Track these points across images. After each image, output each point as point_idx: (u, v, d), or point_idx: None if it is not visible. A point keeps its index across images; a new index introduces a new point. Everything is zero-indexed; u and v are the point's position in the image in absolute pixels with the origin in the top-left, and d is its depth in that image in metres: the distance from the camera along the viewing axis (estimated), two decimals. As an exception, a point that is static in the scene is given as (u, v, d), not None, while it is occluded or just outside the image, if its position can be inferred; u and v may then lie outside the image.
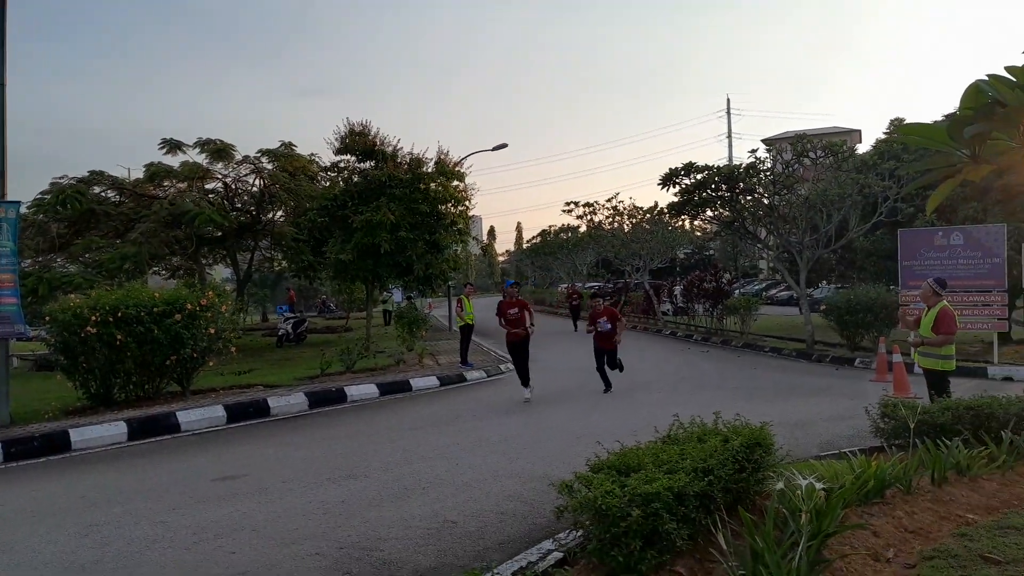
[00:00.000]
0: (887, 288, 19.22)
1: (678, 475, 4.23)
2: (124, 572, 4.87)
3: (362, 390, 13.01)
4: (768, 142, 38.77)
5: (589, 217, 36.52)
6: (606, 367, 13.08)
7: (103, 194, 21.92)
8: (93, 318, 10.67)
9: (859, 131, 59.71)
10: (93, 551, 5.34)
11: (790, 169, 19.90)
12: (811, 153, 19.84)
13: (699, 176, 20.53)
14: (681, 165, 20.92)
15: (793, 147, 19.86)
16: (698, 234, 45.57)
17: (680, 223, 32.49)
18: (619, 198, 36.55)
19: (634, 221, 34.40)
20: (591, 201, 36.69)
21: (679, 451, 4.71)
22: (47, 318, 11.51)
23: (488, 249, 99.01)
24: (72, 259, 19.75)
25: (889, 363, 13.50)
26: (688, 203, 21.00)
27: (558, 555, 4.43)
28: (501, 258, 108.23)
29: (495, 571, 4.29)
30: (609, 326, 12.95)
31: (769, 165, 20.36)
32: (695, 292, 25.64)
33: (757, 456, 5.06)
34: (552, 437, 8.90)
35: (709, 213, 22.02)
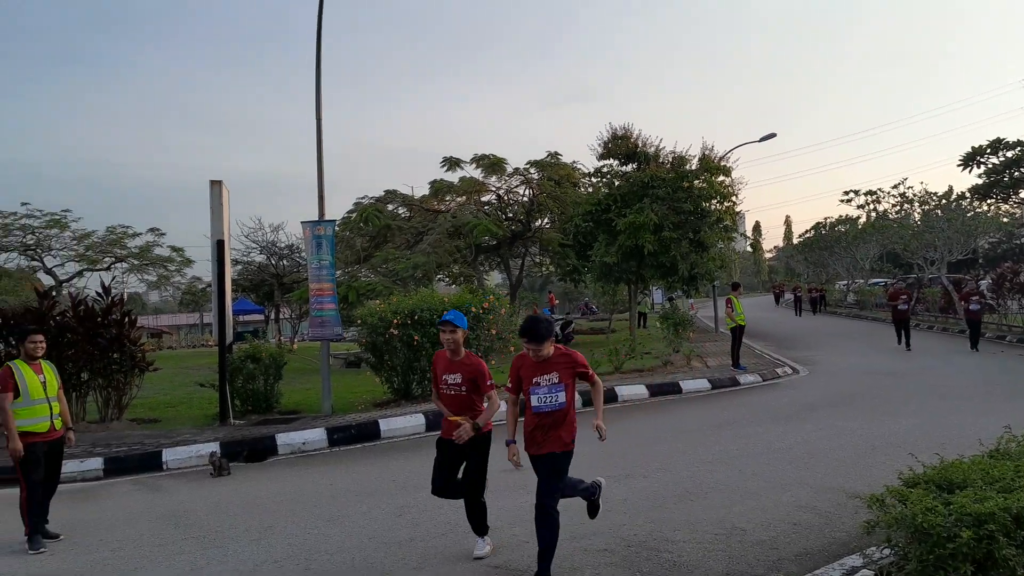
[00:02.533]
0: None
1: (1015, 495, 3.70)
2: (434, 552, 5.37)
3: (632, 390, 13.09)
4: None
5: (872, 206, 33.32)
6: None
7: (396, 210, 24.52)
8: (395, 321, 11.96)
9: None
10: (407, 530, 5.96)
11: None
12: None
13: (1010, 153, 17.83)
14: (987, 142, 18.37)
15: None
16: (1006, 220, 39.59)
17: (984, 208, 28.42)
18: (907, 183, 32.91)
19: (926, 208, 30.77)
20: (874, 189, 33.47)
21: (1014, 468, 4.12)
22: (359, 321, 13.11)
23: (755, 246, 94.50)
24: (372, 269, 22.33)
25: None
26: (996, 184, 18.36)
27: (868, 573, 4.09)
28: (768, 255, 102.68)
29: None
30: None
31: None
32: (1008, 286, 22.27)
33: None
34: (844, 446, 8.24)
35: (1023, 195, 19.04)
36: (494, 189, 24.99)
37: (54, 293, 14.51)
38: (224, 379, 11.48)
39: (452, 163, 24.48)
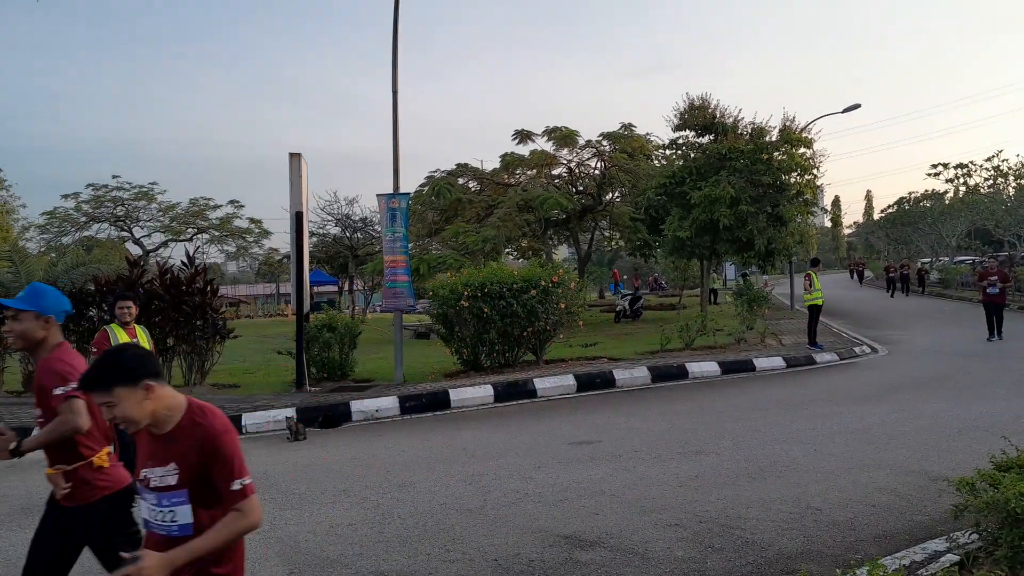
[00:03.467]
0: None
1: (1118, 482, 3.49)
2: (504, 520, 5.43)
3: (703, 367, 12.90)
4: None
5: (962, 180, 31.67)
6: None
7: (466, 184, 24.66)
8: (466, 293, 12.08)
9: None
10: (477, 498, 6.05)
11: None
12: None
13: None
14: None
15: None
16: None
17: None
18: (1002, 156, 31.10)
19: (1022, 182, 29.09)
20: (965, 162, 31.76)
21: (1117, 455, 3.89)
22: (430, 293, 13.30)
23: (836, 221, 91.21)
24: (443, 242, 22.58)
25: None
26: (1104, 156, 17.12)
27: (952, 558, 3.94)
28: (847, 230, 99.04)
29: (877, 565, 3.95)
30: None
31: None
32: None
33: None
34: (926, 428, 7.94)
35: None
36: (565, 162, 24.85)
37: (142, 263, 15.20)
38: (301, 347, 11.83)
39: (523, 136, 24.41)
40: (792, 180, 20.12)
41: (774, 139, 20.00)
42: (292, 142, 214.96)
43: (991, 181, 31.41)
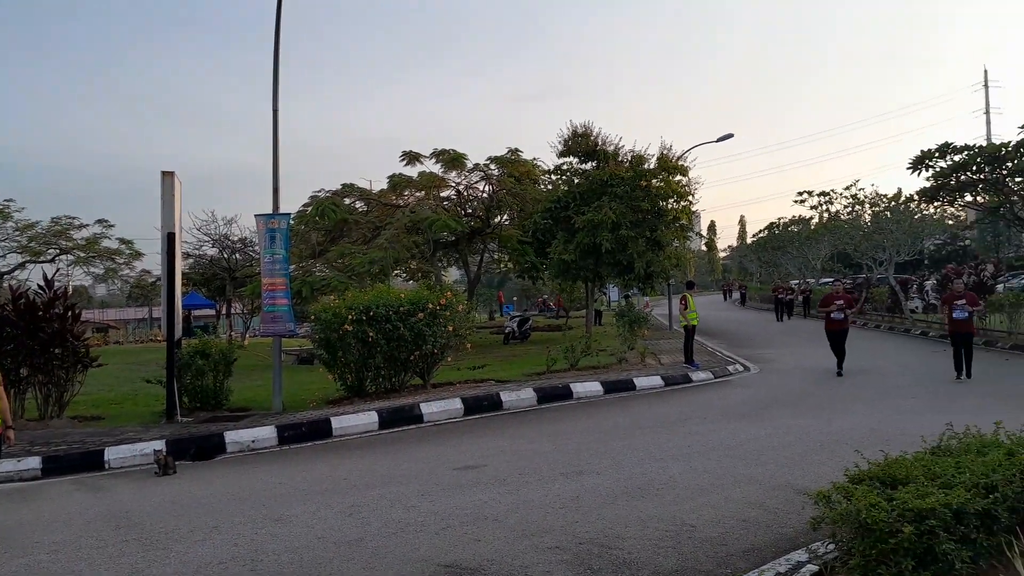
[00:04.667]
0: None
1: (956, 490, 3.78)
2: (384, 552, 5.29)
3: (587, 387, 13.15)
4: (1041, 114, 33.62)
5: (824, 207, 33.95)
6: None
7: (353, 204, 24.26)
8: (350, 317, 11.82)
9: None
10: (356, 529, 5.87)
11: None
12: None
13: (957, 157, 18.34)
14: (935, 146, 18.84)
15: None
16: (951, 222, 40.82)
17: (931, 211, 29.27)
18: (859, 185, 33.64)
19: (876, 210, 31.51)
20: (827, 190, 34.11)
21: (954, 464, 4.22)
22: (312, 317, 12.94)
23: (710, 245, 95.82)
24: (328, 264, 22.06)
25: None
26: (943, 188, 18.89)
27: (812, 568, 4.14)
28: (722, 254, 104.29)
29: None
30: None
31: (1045, 140, 17.68)
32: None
33: (1052, 474, 4.39)
34: (792, 443, 8.38)
35: (968, 198, 19.64)
36: (454, 184, 24.92)
37: (-7, 285, 14.01)
38: (172, 375, 11.21)
39: (411, 157, 24.32)
40: (669, 206, 20.97)
41: (652, 167, 20.81)
42: (167, 158, 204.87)
43: (850, 208, 33.84)
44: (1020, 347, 18.45)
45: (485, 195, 25.06)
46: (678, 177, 21.16)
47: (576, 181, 22.15)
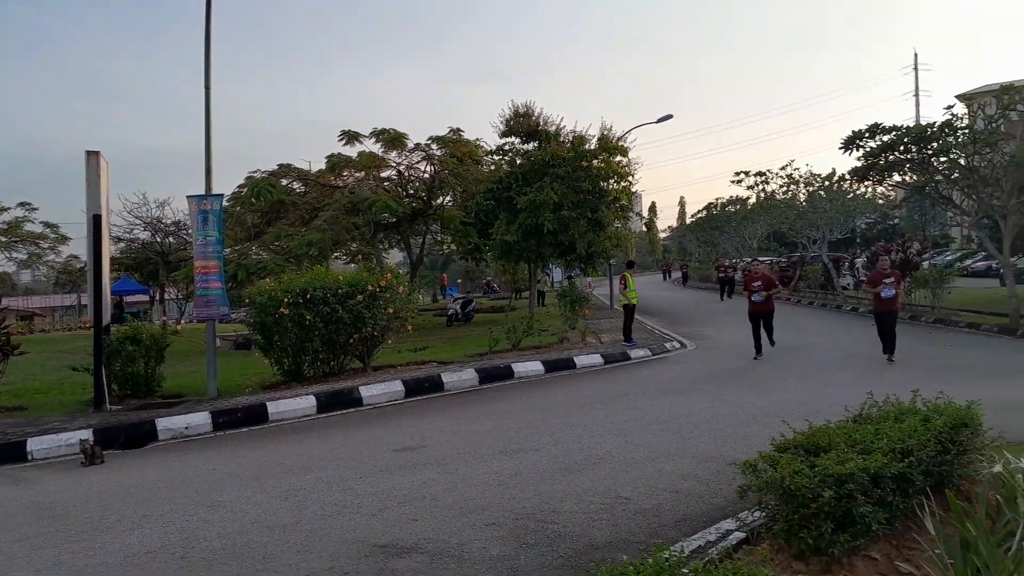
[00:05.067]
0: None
1: (874, 456, 3.93)
2: (320, 534, 5.23)
3: (528, 367, 13.21)
4: (965, 97, 34.97)
5: (761, 187, 34.66)
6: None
7: (290, 185, 23.72)
8: (286, 300, 11.57)
9: (1077, 78, 52.19)
10: (291, 513, 5.78)
11: (993, 125, 17.84)
12: (1019, 106, 17.66)
13: (886, 138, 18.88)
14: (865, 127, 19.33)
15: (997, 100, 17.78)
16: (881, 201, 42.19)
17: (862, 190, 30.20)
18: (794, 165, 34.42)
19: (811, 190, 32.33)
20: (763, 170, 34.79)
21: (873, 431, 4.38)
22: (247, 301, 12.63)
23: (650, 225, 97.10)
24: (264, 247, 21.55)
25: (1120, 339, 11.82)
26: (873, 167, 19.45)
27: (740, 535, 4.25)
28: (663, 234, 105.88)
29: (675, 549, 4.18)
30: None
31: (967, 122, 18.36)
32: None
33: (963, 438, 4.62)
34: (726, 416, 8.59)
35: (896, 178, 20.31)
36: (394, 165, 24.55)
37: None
38: (100, 362, 10.83)
39: (351, 137, 23.84)
40: (610, 187, 21.10)
41: (593, 147, 20.89)
42: (96, 139, 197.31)
43: (785, 188, 34.61)
44: (942, 320, 19.26)
45: (427, 175, 24.78)
46: (618, 158, 21.29)
47: (518, 162, 22.10)
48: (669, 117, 28.91)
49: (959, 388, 9.02)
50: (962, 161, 18.46)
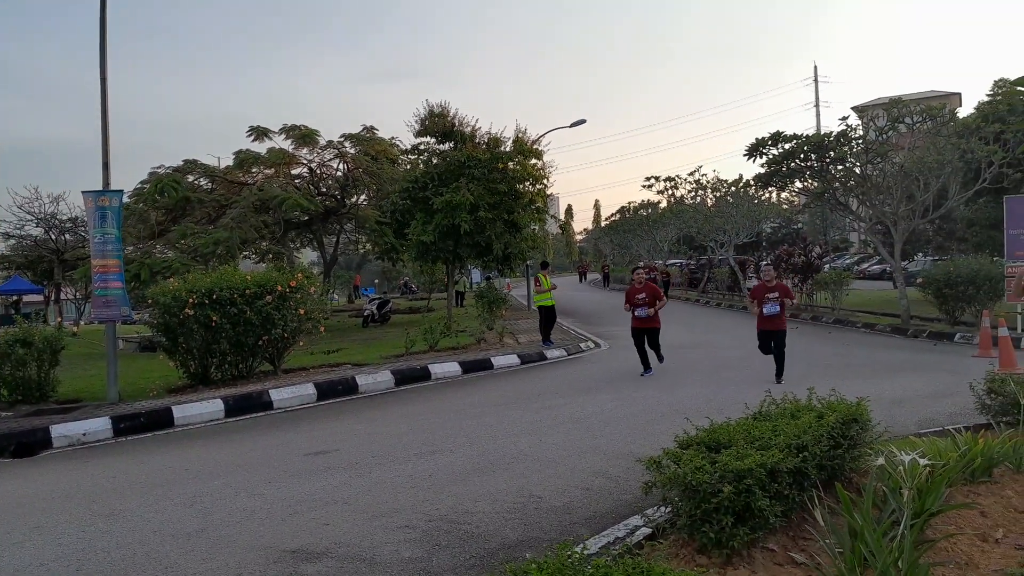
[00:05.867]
0: (991, 259, 18.18)
1: (771, 451, 4.12)
2: (226, 541, 5.09)
3: (445, 368, 13.20)
4: (859, 109, 36.98)
5: (670, 192, 35.74)
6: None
7: (196, 182, 22.91)
8: (191, 300, 11.17)
9: (959, 94, 56.09)
10: (197, 520, 5.61)
11: (884, 136, 18.98)
12: (907, 119, 18.84)
13: (787, 146, 19.80)
14: (768, 135, 20.22)
15: (887, 113, 18.92)
16: (785, 207, 44.11)
17: (767, 196, 31.52)
18: (702, 171, 35.65)
19: (718, 195, 33.53)
20: (672, 176, 35.88)
21: (771, 427, 4.59)
22: (149, 301, 12.12)
23: (566, 228, 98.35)
24: (169, 245, 20.74)
25: (994, 337, 12.77)
26: (776, 174, 20.34)
27: (646, 531, 4.39)
28: (578, 237, 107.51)
29: (583, 545, 4.27)
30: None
31: (861, 133, 19.46)
32: (783, 267, 24.89)
33: (853, 433, 4.89)
34: (635, 414, 8.81)
35: (798, 184, 21.28)
36: (306, 162, 24.05)
37: None
38: (-13, 366, 10.19)
39: (260, 133, 23.23)
40: (525, 189, 21.28)
41: (508, 150, 21.02)
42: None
43: (694, 193, 35.77)
44: (841, 321, 20.33)
45: (340, 174, 24.37)
46: (533, 160, 21.49)
47: (434, 162, 22.00)
48: (582, 122, 29.47)
49: (853, 384, 9.59)
50: (857, 170, 19.55)
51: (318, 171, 24.45)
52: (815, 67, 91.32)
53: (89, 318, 33.62)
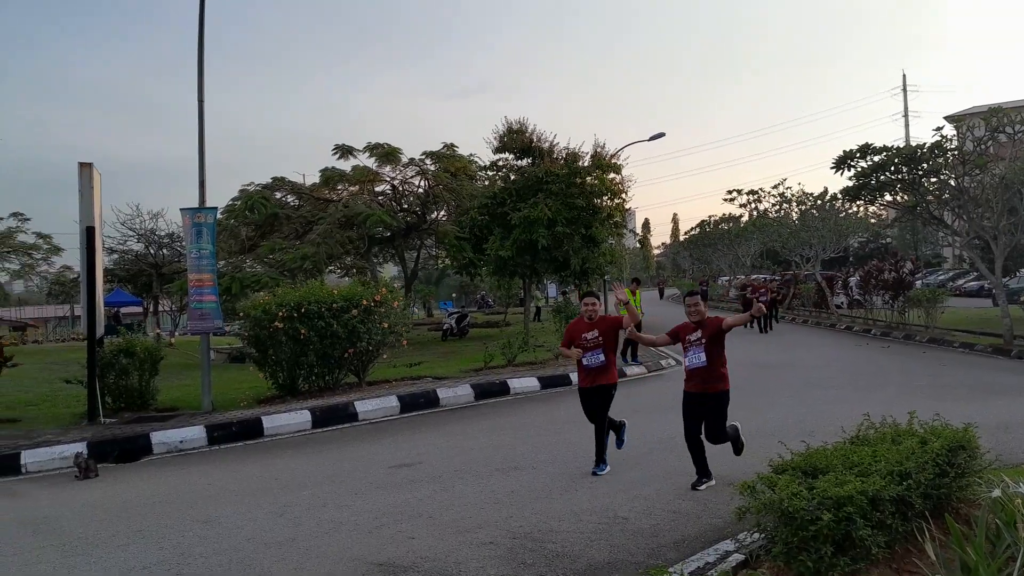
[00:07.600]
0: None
1: (872, 478, 3.94)
2: (316, 552, 5.21)
3: (524, 383, 13.21)
4: (953, 119, 35.32)
5: (753, 205, 34.90)
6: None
7: (284, 199, 23.72)
8: (280, 314, 11.56)
9: (1066, 100, 52.78)
10: (287, 530, 5.76)
11: (982, 147, 18.02)
12: (1008, 128, 17.86)
13: (876, 158, 19.04)
14: (856, 147, 19.49)
15: (986, 122, 17.97)
16: (873, 221, 42.49)
17: (855, 209, 30.41)
18: (786, 184, 34.72)
19: (803, 208, 32.54)
20: (755, 188, 35.07)
21: (871, 453, 4.39)
22: (240, 315, 12.59)
23: (644, 242, 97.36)
24: (258, 260, 21.51)
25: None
26: (864, 187, 19.57)
27: (739, 557, 4.26)
28: (656, 251, 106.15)
29: (672, 570, 4.18)
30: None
31: (957, 144, 18.55)
32: (873, 283, 23.91)
33: (960, 460, 4.63)
34: (721, 434, 8.57)
35: (888, 198, 20.45)
36: (388, 179, 24.59)
37: None
38: (93, 374, 10.78)
39: (344, 151, 23.88)
40: (603, 203, 21.20)
41: (587, 164, 21.01)
42: (89, 150, 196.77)
43: (778, 207, 34.88)
44: (936, 340, 19.35)
45: (421, 190, 24.82)
46: (611, 175, 21.42)
47: (512, 178, 22.18)
48: (661, 135, 29.16)
49: (954, 408, 9.09)
50: (952, 182, 18.63)
51: (400, 188, 24.97)
52: (903, 76, 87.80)
53: (183, 329, 35.21)
